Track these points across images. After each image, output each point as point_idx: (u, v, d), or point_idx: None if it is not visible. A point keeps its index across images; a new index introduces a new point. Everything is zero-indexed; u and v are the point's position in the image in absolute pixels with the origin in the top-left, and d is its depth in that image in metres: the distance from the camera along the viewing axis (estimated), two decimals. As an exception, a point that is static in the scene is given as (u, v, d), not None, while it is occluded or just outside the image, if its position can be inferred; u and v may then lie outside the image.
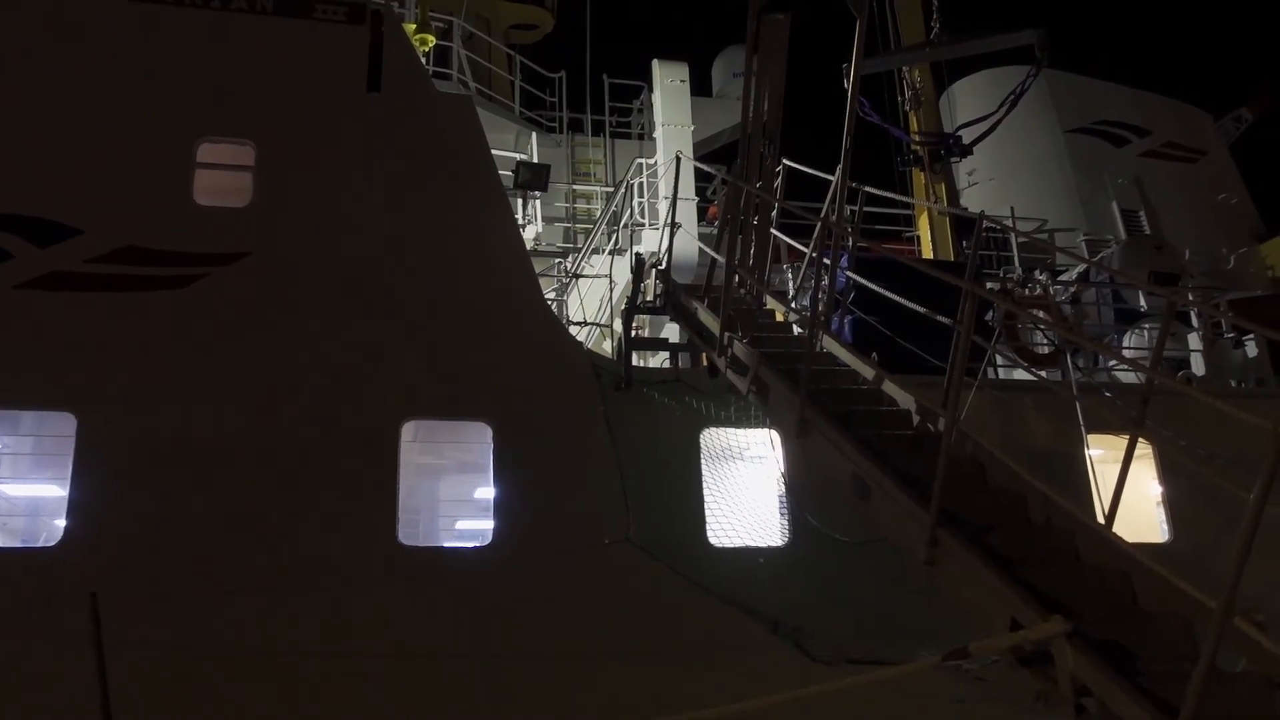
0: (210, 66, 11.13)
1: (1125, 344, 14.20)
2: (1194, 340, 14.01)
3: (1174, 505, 11.88)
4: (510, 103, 17.15)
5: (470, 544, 11.20)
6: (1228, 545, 6.64)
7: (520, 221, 14.62)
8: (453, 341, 10.84)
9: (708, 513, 10.80)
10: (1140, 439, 6.23)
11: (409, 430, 10.80)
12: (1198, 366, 13.95)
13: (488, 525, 10.45)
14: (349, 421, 10.31)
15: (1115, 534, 5.52)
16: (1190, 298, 14.40)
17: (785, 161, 11.77)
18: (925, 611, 6.45)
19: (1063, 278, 14.79)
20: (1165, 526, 11.96)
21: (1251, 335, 13.62)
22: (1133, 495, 12.42)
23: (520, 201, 15.22)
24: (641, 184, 15.25)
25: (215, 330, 10.35)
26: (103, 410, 9.83)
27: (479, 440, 10.93)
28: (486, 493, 10.80)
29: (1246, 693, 4.94)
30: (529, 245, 14.56)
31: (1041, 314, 13.59)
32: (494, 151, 12.50)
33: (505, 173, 14.50)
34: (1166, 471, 11.81)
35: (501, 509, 10.35)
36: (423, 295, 10.89)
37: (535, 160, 16.40)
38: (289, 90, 11.22)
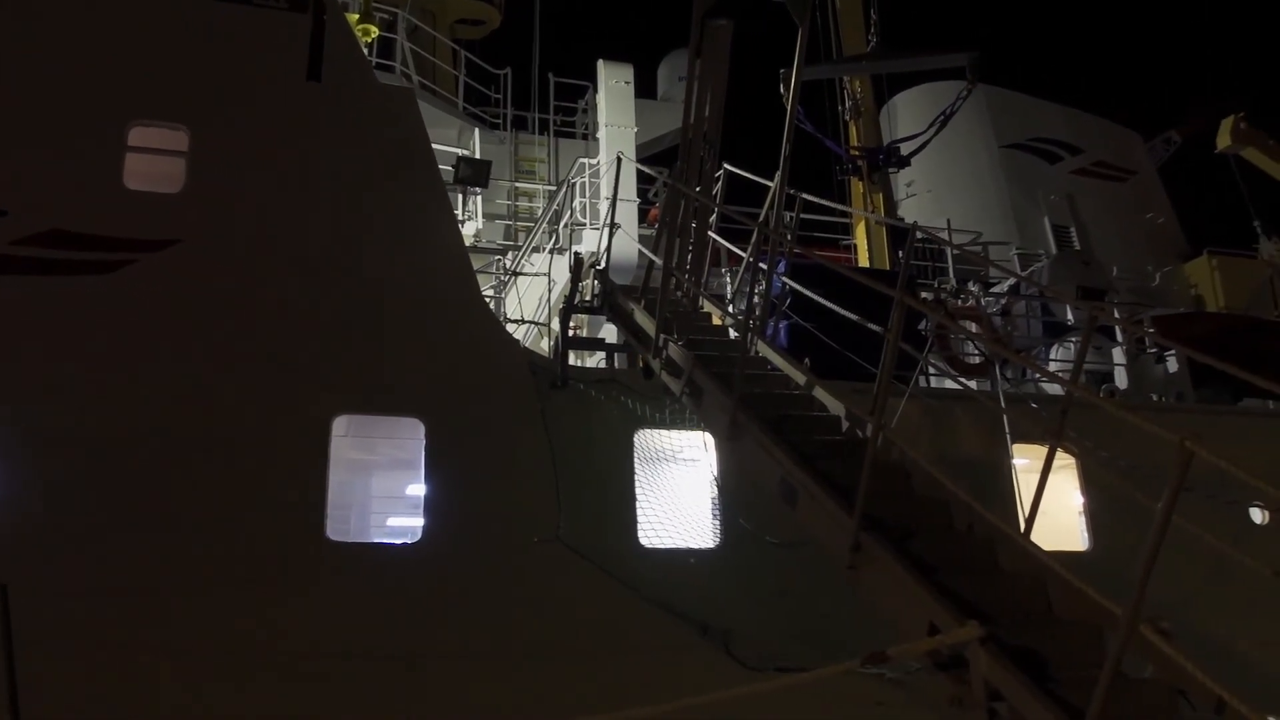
0: (145, 49, 10.90)
1: (1053, 356, 14.51)
2: (1118, 355, 14.36)
3: (1094, 515, 12.17)
4: (454, 98, 17.04)
5: (400, 541, 11.11)
6: (1143, 554, 6.84)
7: (460, 217, 14.52)
8: (387, 336, 10.73)
9: (640, 513, 10.82)
10: (1064, 450, 6.38)
11: (340, 425, 10.68)
12: (1121, 380, 14.31)
13: (419, 522, 10.38)
14: (278, 415, 10.15)
15: (1032, 542, 5.65)
16: (1115, 314, 14.77)
17: (726, 166, 11.84)
18: (853, 615, 6.55)
19: (994, 290, 15.08)
20: (1085, 535, 12.25)
21: (1173, 351, 14.01)
22: (1055, 505, 12.80)
23: (460, 197, 15.11)
24: (583, 184, 15.25)
25: (143, 318, 10.14)
26: (22, 397, 9.58)
27: (411, 436, 10.85)
28: (419, 489, 10.72)
29: (1151, 698, 5.10)
30: (468, 242, 14.48)
31: (973, 325, 13.86)
32: (436, 146, 12.40)
33: (446, 168, 14.41)
34: (1087, 482, 12.10)
35: (432, 506, 10.28)
36: (358, 289, 10.77)
37: (478, 156, 16.31)
38: (226, 76, 11.03)
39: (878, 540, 6.06)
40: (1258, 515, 12.68)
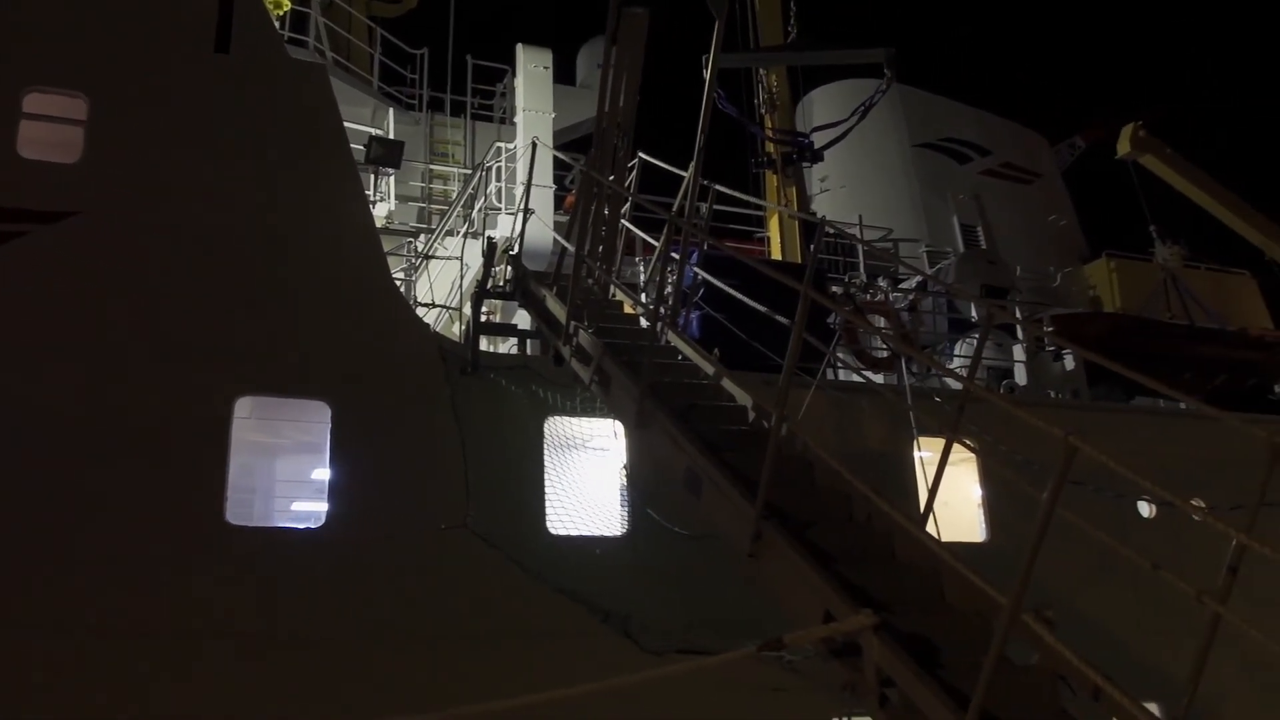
0: (42, 12, 10.48)
1: (957, 352, 14.88)
2: (1019, 352, 14.78)
3: (991, 507, 12.52)
4: (369, 76, 16.74)
5: (302, 525, 10.92)
6: (1028, 546, 7.07)
7: (371, 198, 14.29)
8: (293, 317, 10.53)
9: (548, 501, 10.81)
10: (961, 445, 6.55)
11: (243, 407, 10.44)
12: (1020, 377, 14.73)
13: (324, 507, 10.22)
14: (178, 395, 9.88)
15: (926, 533, 5.79)
16: (1019, 314, 15.19)
17: (641, 155, 11.85)
18: (758, 602, 6.66)
19: (903, 285, 15.38)
20: (983, 527, 12.61)
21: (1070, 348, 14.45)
22: (956, 497, 13.14)
23: (372, 177, 14.87)
24: (499, 168, 15.12)
25: (36, 292, 9.77)
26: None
27: (317, 420, 10.67)
28: (324, 474, 10.55)
29: (1034, 684, 5.28)
30: (380, 223, 14.26)
31: (881, 320, 14.13)
32: (350, 125, 12.16)
33: (358, 147, 14.15)
34: (986, 476, 12.44)
35: (337, 491, 10.13)
36: (263, 267, 10.54)
37: (391, 137, 16.06)
38: (129, 44, 10.67)
39: (778, 530, 6.15)
40: (1145, 509, 13.19)
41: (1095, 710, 4.85)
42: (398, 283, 12.77)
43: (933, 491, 6.42)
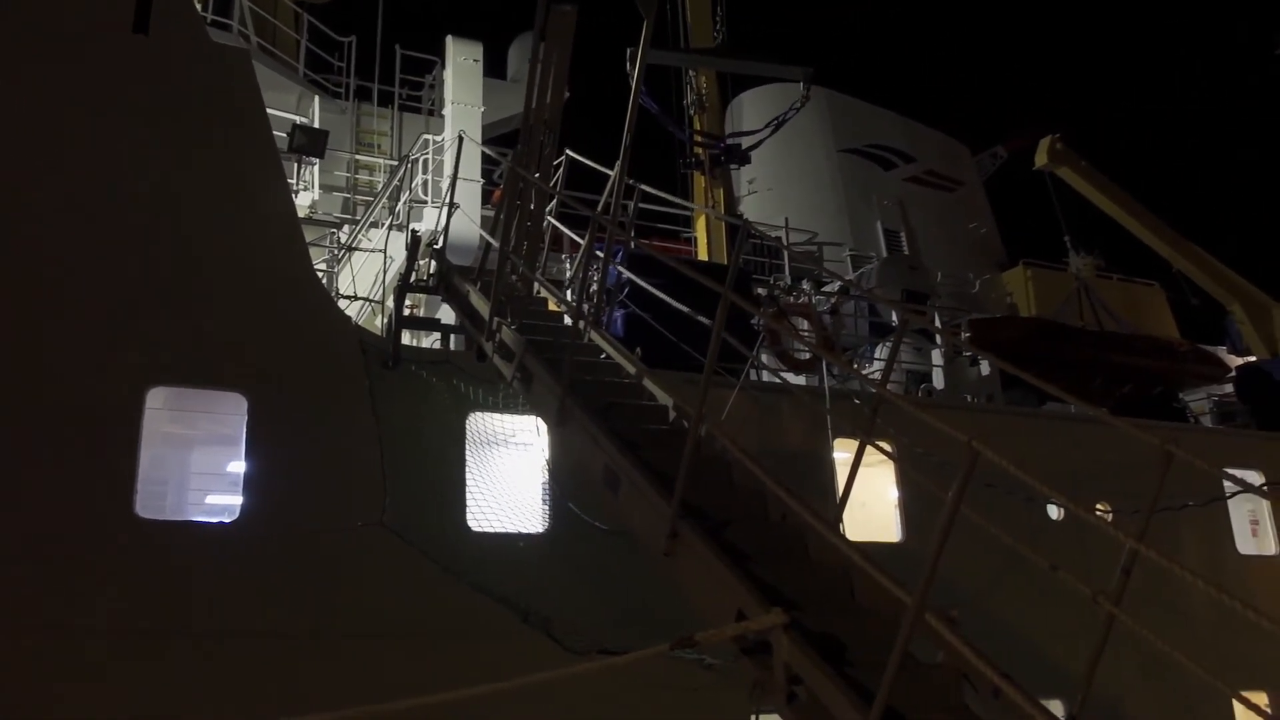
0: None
1: (877, 355, 15.14)
2: (936, 356, 15.09)
3: (907, 508, 12.77)
4: (294, 63, 16.45)
5: (214, 519, 10.70)
6: (949, 544, 7.22)
7: (294, 187, 14.05)
8: (209, 306, 10.30)
9: (469, 497, 10.75)
10: (874, 447, 6.67)
11: (156, 397, 10.19)
12: (938, 381, 15.04)
13: (238, 500, 10.03)
14: (87, 385, 9.61)
15: (837, 533, 5.89)
16: (938, 320, 15.50)
17: (568, 152, 11.84)
18: (678, 601, 6.71)
19: (826, 288, 15.60)
20: (899, 527, 12.85)
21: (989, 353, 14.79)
22: (874, 498, 13.36)
23: (295, 166, 14.62)
24: (426, 160, 14.98)
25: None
26: None
27: (234, 412, 10.46)
28: (239, 466, 10.35)
29: (939, 682, 5.41)
30: (302, 213, 14.03)
31: (803, 322, 14.31)
32: (274, 112, 11.94)
33: (282, 134, 13.91)
34: (902, 477, 12.68)
35: (252, 484, 9.94)
36: (179, 255, 10.29)
37: (317, 125, 15.81)
38: (37, 20, 10.32)
39: (694, 529, 6.20)
40: (1054, 511, 13.56)
41: (996, 707, 4.99)
42: (319, 274, 12.57)
43: (846, 492, 6.52)
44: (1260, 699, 14.08)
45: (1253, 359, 21.26)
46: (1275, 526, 15.69)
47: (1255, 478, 15.08)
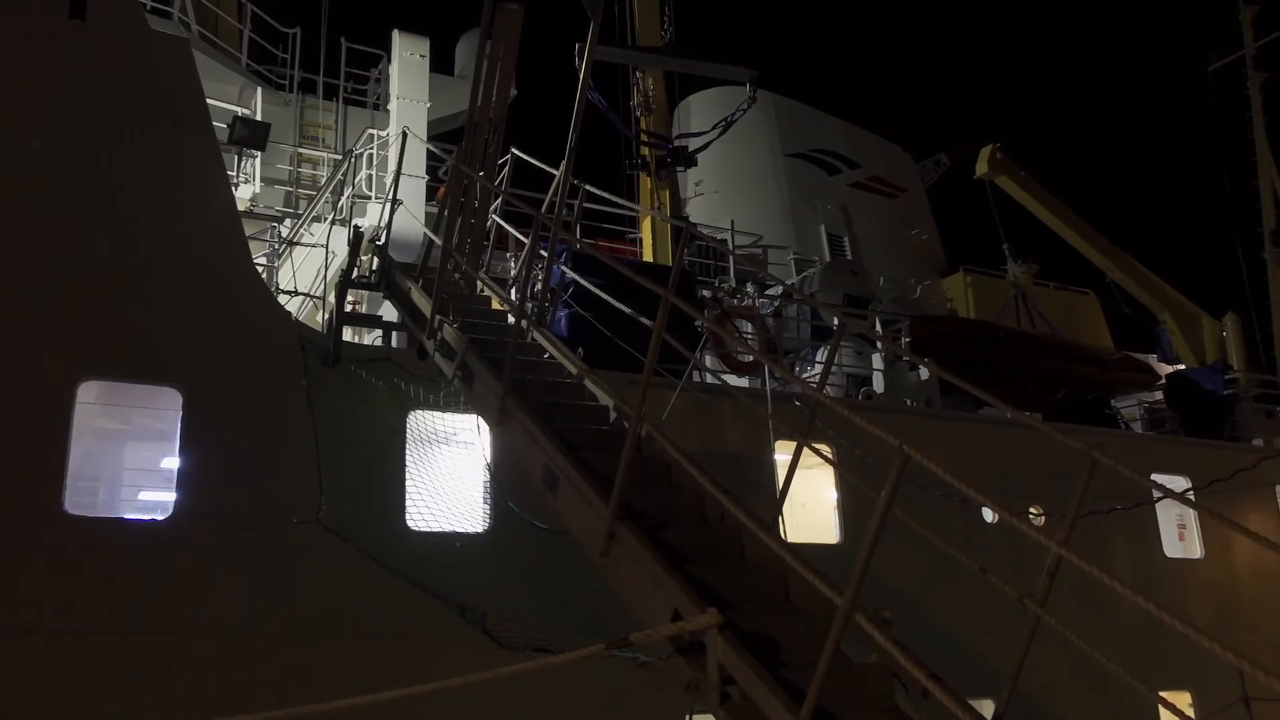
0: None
1: (819, 358, 15.29)
2: (877, 360, 15.28)
3: (845, 510, 12.92)
4: (237, 53, 16.21)
5: (147, 516, 10.51)
6: (886, 546, 7.32)
7: (234, 179, 13.83)
8: (145, 299, 10.11)
9: (409, 496, 10.67)
10: (822, 448, 6.76)
11: (88, 391, 9.98)
12: (878, 384, 15.24)
13: (171, 497, 9.86)
14: (15, 377, 9.38)
15: (773, 534, 5.94)
16: (878, 324, 15.70)
17: (514, 151, 11.80)
18: (617, 600, 6.73)
19: (769, 291, 15.71)
20: (838, 529, 12.99)
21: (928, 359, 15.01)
22: (814, 500, 13.49)
23: (236, 158, 14.40)
24: (370, 155, 14.84)
25: None
26: None
27: (169, 407, 10.28)
28: (174, 463, 10.17)
29: (870, 682, 5.48)
30: (243, 206, 13.83)
31: (747, 324, 14.41)
32: (216, 103, 11.74)
33: (222, 125, 13.70)
34: (841, 479, 12.83)
35: (185, 481, 9.77)
36: (114, 246, 10.08)
37: (259, 117, 15.59)
38: (-31, 5, 10.08)
39: (631, 529, 6.22)
40: (989, 515, 13.79)
41: (926, 707, 5.07)
42: (259, 268, 12.40)
43: (783, 493, 6.59)
44: (1184, 699, 14.47)
45: (1182, 367, 21.85)
46: (1201, 531, 16.12)
47: (1182, 483, 15.49)
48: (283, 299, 12.25)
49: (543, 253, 9.39)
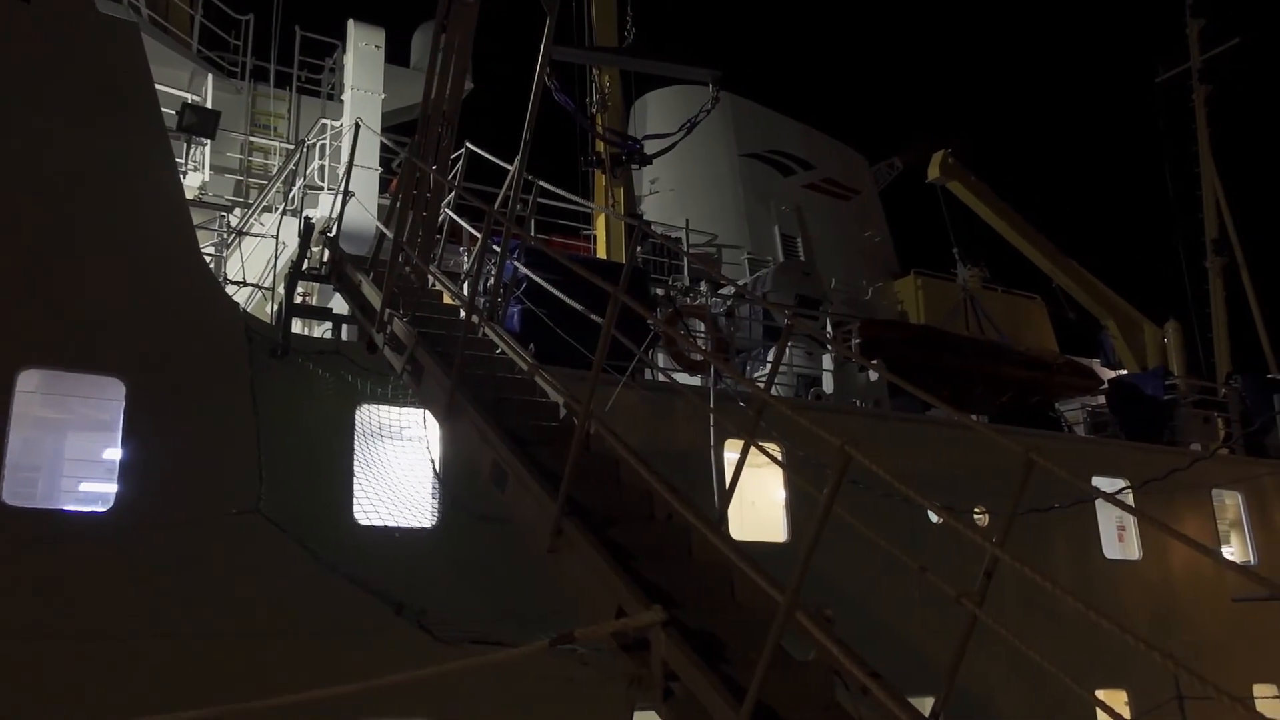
0: None
1: (769, 358, 15.38)
2: (827, 361, 15.41)
3: (793, 509, 13.03)
4: (188, 39, 15.96)
5: (88, 508, 10.33)
6: (833, 545, 7.40)
7: (183, 167, 13.63)
8: (88, 287, 9.93)
9: (356, 490, 10.59)
10: (770, 447, 6.80)
11: (28, 380, 9.79)
12: (828, 385, 15.37)
13: (113, 489, 9.70)
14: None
15: (719, 532, 5.99)
16: (828, 326, 15.84)
17: (468, 145, 11.74)
18: (562, 595, 6.74)
19: (722, 291, 15.79)
20: (786, 528, 13.10)
21: (875, 360, 15.17)
22: (763, 499, 13.58)
23: (185, 146, 14.18)
24: (324, 145, 14.68)
25: None
26: None
27: (111, 397, 10.11)
28: (116, 454, 10.00)
29: (811, 679, 5.55)
30: (191, 194, 13.63)
31: (699, 324, 14.47)
32: (165, 89, 11.55)
33: (171, 112, 13.49)
34: (789, 478, 12.92)
35: (128, 472, 9.62)
36: (57, 232, 9.89)
37: (210, 104, 15.36)
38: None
39: (578, 526, 6.24)
40: (933, 514, 13.96)
41: (866, 704, 5.15)
42: (207, 258, 12.23)
43: (729, 492, 6.65)
44: (1120, 696, 14.78)
45: (1124, 373, 22.29)
46: (1139, 533, 16.46)
47: (1122, 485, 15.80)
48: (231, 289, 12.09)
49: (495, 248, 9.36)
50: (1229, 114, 29.99)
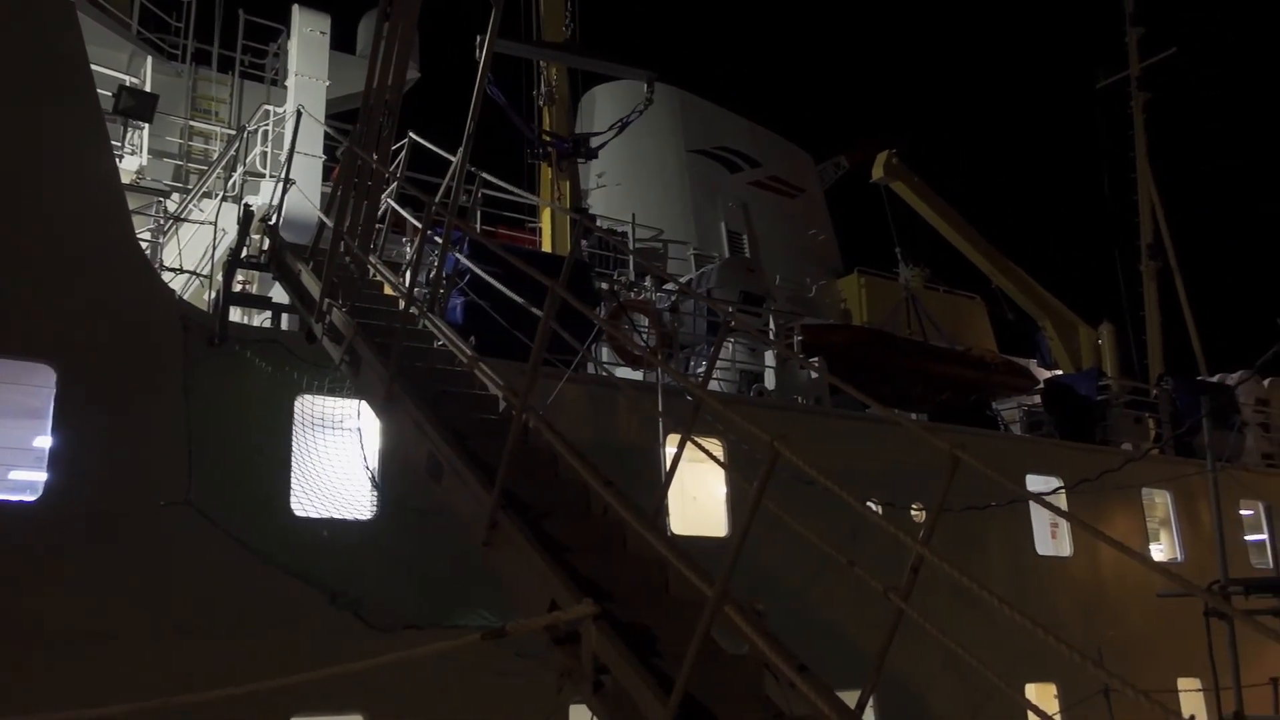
0: None
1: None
2: (769, 358, 15.53)
3: (734, 503, 13.12)
4: (127, 19, 15.64)
5: (16, 497, 10.10)
6: (773, 540, 7.45)
7: (119, 151, 13.35)
8: (18, 270, 9.70)
9: (293, 481, 10.48)
10: (710, 442, 6.86)
11: (-45, 366, 9.56)
12: (770, 382, 15.49)
13: (43, 477, 9.49)
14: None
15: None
16: (772, 323, 15.96)
17: (411, 135, 11.66)
18: (498, 586, 6.74)
19: (667, 286, 15.85)
20: (726, 522, 13.19)
21: (817, 358, 15.32)
22: (704, 493, 13.65)
23: (122, 129, 13.90)
24: (266, 131, 14.47)
25: None
26: None
27: (42, 384, 9.89)
28: (46, 442, 9.79)
29: (741, 672, 5.60)
30: (128, 178, 13.36)
31: (643, 318, 14.51)
32: (102, 70, 11.28)
33: (108, 93, 13.22)
34: (730, 472, 13.02)
35: (59, 461, 9.42)
36: (-16, 214, 9.66)
37: (149, 87, 15.07)
38: None
39: (513, 519, 6.24)
40: (873, 510, 14.14)
41: (794, 697, 5.21)
42: (143, 244, 12.00)
43: (666, 486, 6.69)
44: (1050, 689, 15.11)
45: (1059, 373, 22.74)
46: (1071, 531, 16.82)
47: (1055, 483, 16.13)
48: (167, 276, 11.89)
49: (437, 239, 9.30)
50: (1166, 121, 30.77)
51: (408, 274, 11.88)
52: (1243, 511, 19.35)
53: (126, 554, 9.27)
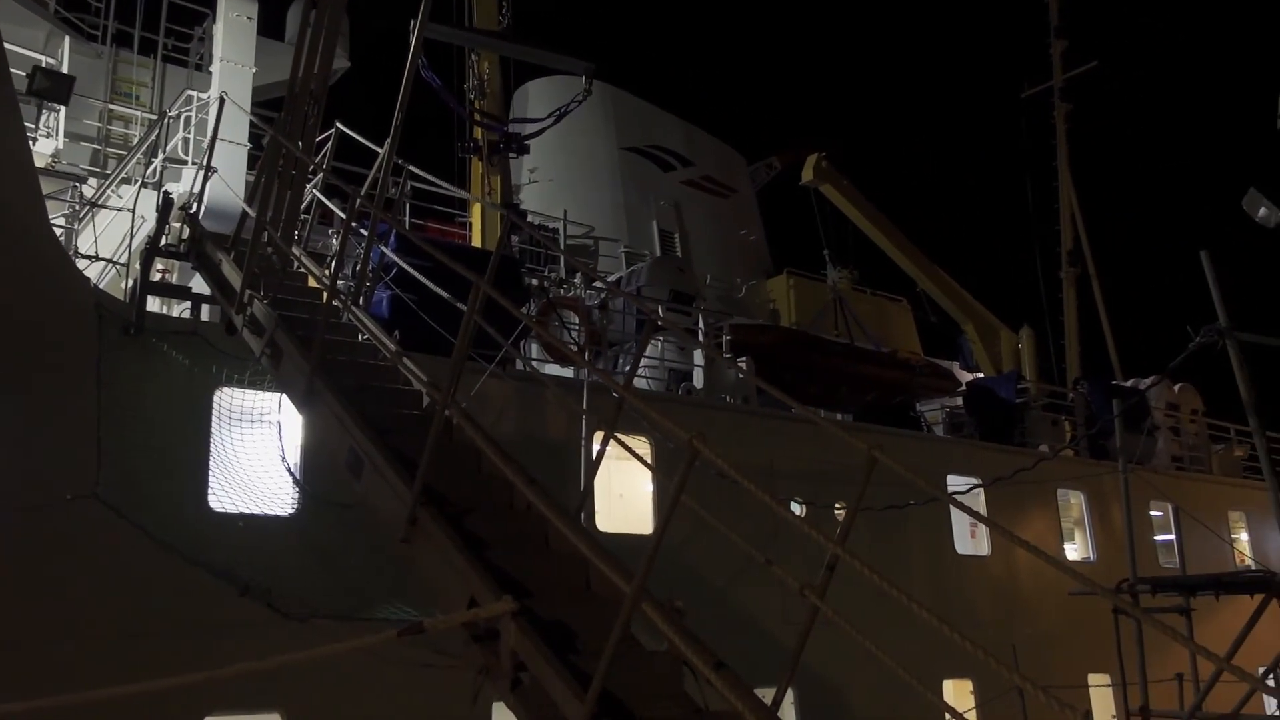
0: None
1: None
2: (698, 357, 15.61)
3: (660, 501, 13.16)
4: (45, -4, 15.15)
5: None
6: (697, 538, 7.47)
7: (33, 133, 12.93)
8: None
9: (211, 475, 10.26)
10: (634, 439, 6.86)
11: None
12: (698, 380, 15.57)
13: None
14: None
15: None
16: (701, 322, 16.04)
17: (338, 125, 11.48)
18: (420, 582, 6.66)
19: (597, 284, 15.83)
20: (654, 520, 13.22)
21: (744, 358, 15.44)
22: (632, 491, 13.67)
23: (36, 111, 13.46)
24: (189, 117, 14.12)
25: None
26: None
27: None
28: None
29: (660, 669, 5.63)
30: (42, 162, 12.94)
31: (572, 315, 14.49)
32: (17, 49, 10.91)
33: (21, 74, 12.79)
34: (658, 469, 13.06)
35: (-38, 453, 9.10)
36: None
37: (66, 68, 14.62)
38: None
39: (433, 515, 6.18)
40: (797, 508, 14.29)
41: (714, 693, 5.24)
42: (57, 230, 11.64)
43: (588, 483, 6.69)
44: (966, 685, 15.43)
45: (980, 375, 23.21)
46: (989, 530, 17.16)
47: (974, 483, 16.45)
48: (82, 264, 11.55)
49: (362, 231, 9.18)
50: (1087, 131, 31.60)
51: (332, 266, 11.73)
52: (1153, 512, 19.94)
53: (32, 548, 8.98)
